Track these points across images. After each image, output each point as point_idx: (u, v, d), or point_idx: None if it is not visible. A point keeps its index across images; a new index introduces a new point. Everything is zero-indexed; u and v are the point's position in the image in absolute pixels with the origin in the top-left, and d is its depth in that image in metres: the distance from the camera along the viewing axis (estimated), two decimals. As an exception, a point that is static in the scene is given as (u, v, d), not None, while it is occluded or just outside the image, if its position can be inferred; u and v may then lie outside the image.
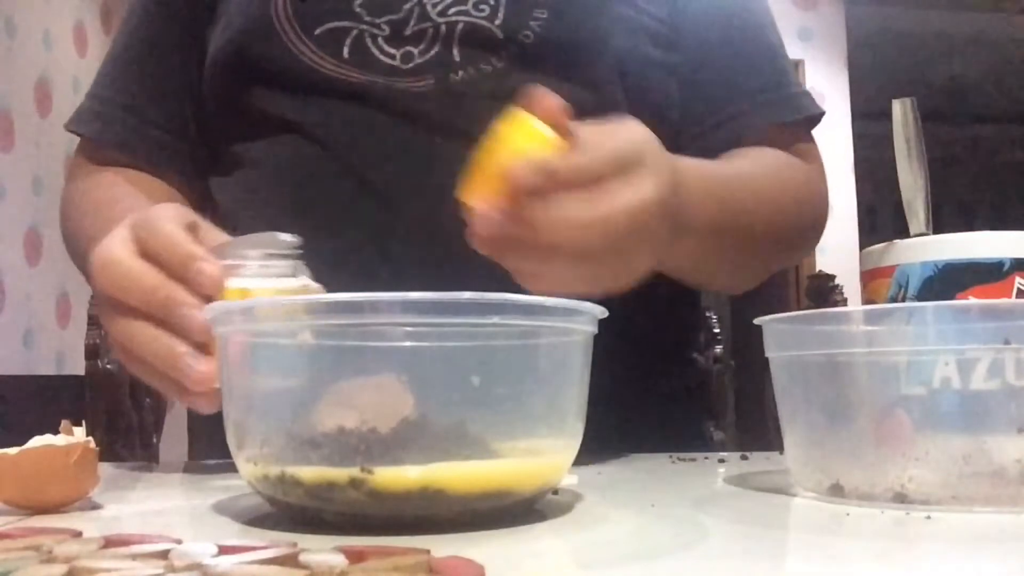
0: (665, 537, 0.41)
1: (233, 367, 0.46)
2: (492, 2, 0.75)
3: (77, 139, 0.89)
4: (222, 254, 0.57)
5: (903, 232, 0.64)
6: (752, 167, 0.78)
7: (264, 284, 0.57)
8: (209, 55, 0.82)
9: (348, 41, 0.76)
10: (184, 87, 0.84)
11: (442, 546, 0.35)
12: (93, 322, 1.14)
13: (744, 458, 0.69)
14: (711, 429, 0.98)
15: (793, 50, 5.12)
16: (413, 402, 0.41)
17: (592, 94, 0.75)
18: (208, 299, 0.54)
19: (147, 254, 0.57)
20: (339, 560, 0.32)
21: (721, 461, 0.67)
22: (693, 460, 0.68)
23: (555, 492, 0.51)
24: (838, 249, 4.96)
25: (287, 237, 0.58)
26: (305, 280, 0.59)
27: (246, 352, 0.45)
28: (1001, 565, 0.36)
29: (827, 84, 5.15)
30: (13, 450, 0.47)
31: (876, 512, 0.45)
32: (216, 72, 0.81)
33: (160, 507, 0.53)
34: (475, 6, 0.76)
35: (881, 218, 6.14)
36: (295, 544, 0.34)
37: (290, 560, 0.32)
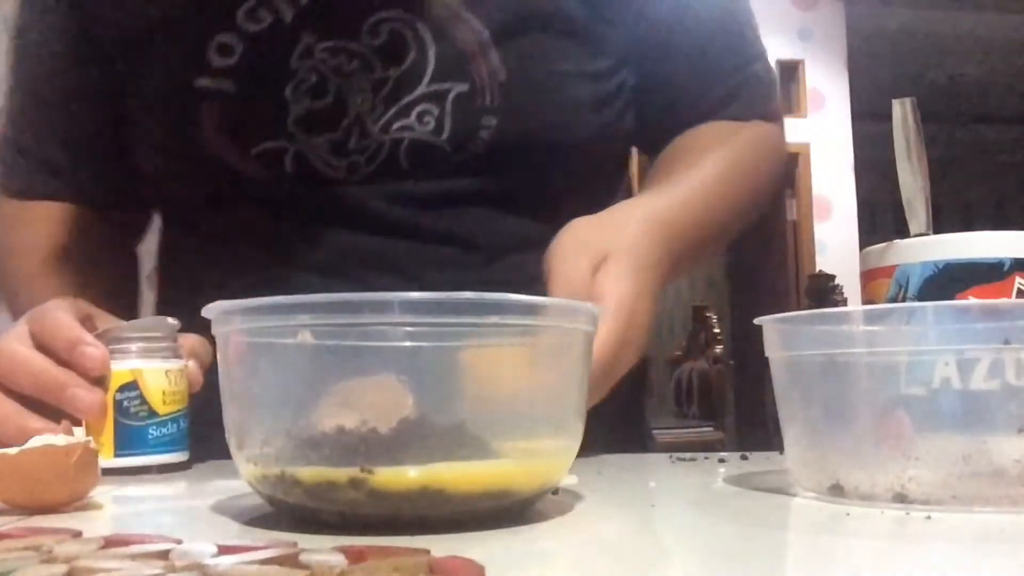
0: (665, 537, 0.41)
1: (233, 367, 0.46)
2: (436, 113, 0.71)
3: None
4: (111, 339, 0.63)
5: (903, 232, 0.63)
6: (715, 168, 0.77)
7: (152, 365, 0.64)
8: (140, 130, 0.77)
9: (288, 157, 0.73)
10: (105, 132, 0.81)
11: (442, 546, 0.35)
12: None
13: (744, 458, 0.69)
14: (651, 430, 0.96)
15: (793, 50, 5.13)
16: (413, 402, 0.41)
17: (544, 185, 0.75)
18: (96, 381, 0.61)
19: (39, 344, 0.61)
20: (339, 560, 0.32)
21: (721, 461, 0.67)
22: (693, 460, 0.68)
23: (555, 492, 0.51)
24: (838, 249, 4.97)
25: (171, 321, 0.65)
26: (186, 361, 0.66)
27: (246, 352, 0.45)
28: (1001, 565, 0.36)
29: (827, 84, 5.15)
30: (13, 450, 0.47)
31: (876, 512, 0.45)
32: (142, 148, 0.78)
33: (160, 507, 0.53)
34: (419, 119, 0.72)
35: (881, 218, 6.14)
36: (295, 544, 0.34)
37: (290, 560, 0.32)
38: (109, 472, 0.60)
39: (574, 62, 0.75)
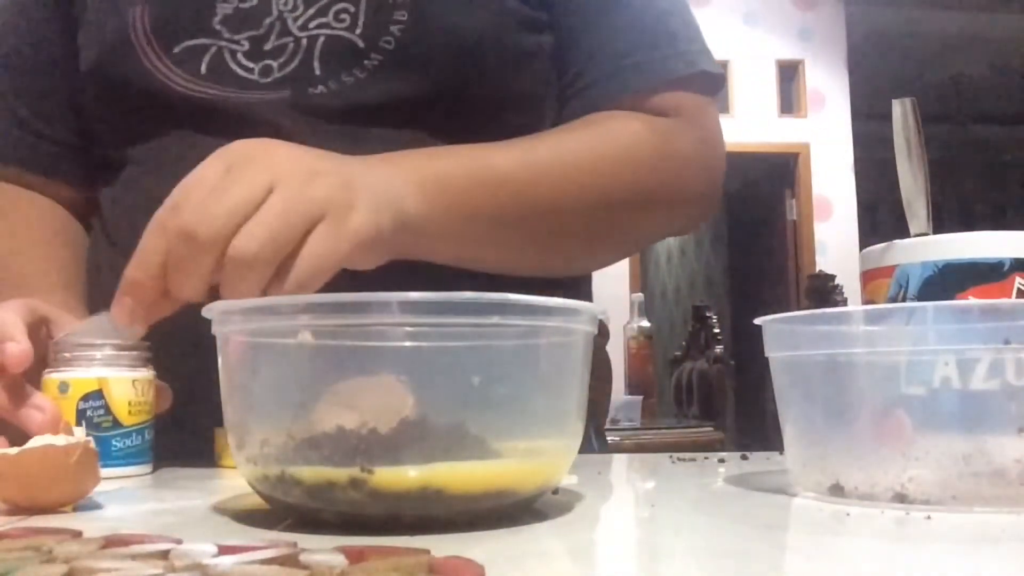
0: (665, 537, 0.41)
1: (233, 367, 0.46)
2: (352, 11, 0.73)
3: None
4: (75, 344, 0.62)
5: (903, 232, 0.63)
6: (562, 144, 0.74)
7: (119, 374, 0.62)
8: (80, 64, 0.80)
9: (206, 58, 0.74)
10: (63, 91, 0.83)
11: (442, 546, 0.35)
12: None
13: (744, 458, 0.69)
14: (592, 432, 0.94)
15: (793, 50, 5.13)
16: (413, 402, 0.41)
17: (455, 92, 0.74)
18: (11, 379, 0.59)
19: None
20: (339, 560, 0.32)
21: (721, 461, 0.67)
22: (693, 460, 0.68)
23: (555, 492, 0.51)
24: (838, 249, 4.97)
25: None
26: (152, 371, 0.64)
27: (246, 352, 0.45)
28: (1001, 565, 0.36)
29: (827, 84, 5.16)
30: (13, 450, 0.47)
31: (876, 512, 0.45)
32: (86, 84, 0.80)
33: (160, 507, 0.53)
34: (335, 17, 0.73)
35: (881, 218, 6.14)
36: (295, 544, 0.34)
37: (290, 560, 0.32)
38: None
39: None
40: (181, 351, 0.63)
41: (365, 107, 0.73)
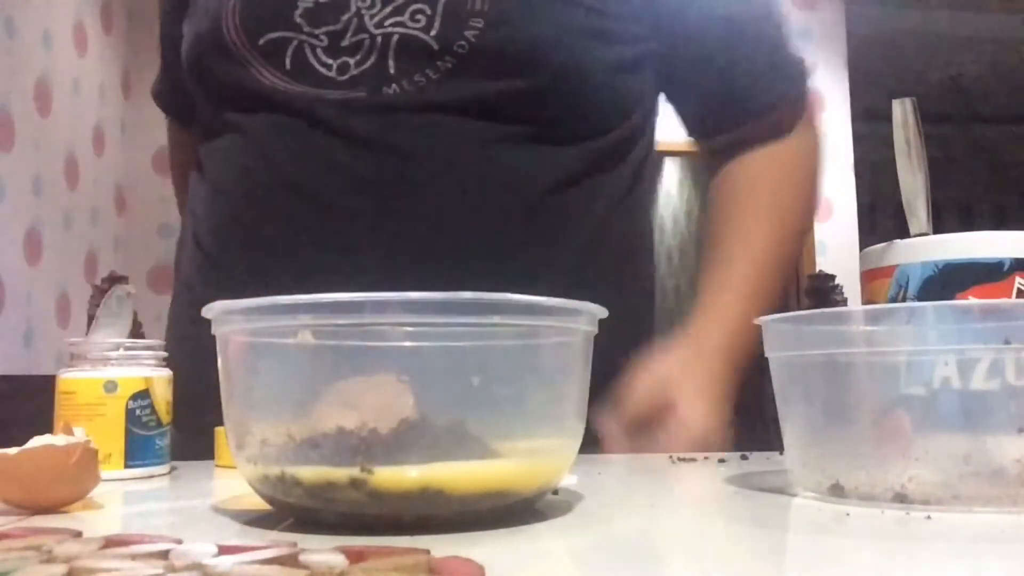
0: (665, 537, 0.41)
1: (233, 367, 0.46)
2: (428, 12, 0.75)
3: (78, 138, 0.96)
4: (125, 344, 0.62)
5: (903, 232, 0.63)
6: (757, 238, 0.86)
7: (160, 373, 0.63)
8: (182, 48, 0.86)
9: (290, 51, 0.78)
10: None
11: (442, 546, 0.35)
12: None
13: (744, 458, 0.69)
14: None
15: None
16: (413, 402, 0.41)
17: (528, 98, 0.76)
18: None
19: None
20: (339, 560, 0.32)
21: (721, 461, 0.67)
22: (693, 460, 0.68)
23: (555, 492, 0.51)
24: (838, 249, 4.96)
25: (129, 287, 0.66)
26: (170, 371, 0.65)
27: (246, 352, 0.45)
28: (1001, 565, 0.36)
29: (827, 84, 5.15)
30: (13, 450, 0.47)
31: (876, 512, 0.45)
32: (185, 68, 0.86)
33: (160, 507, 0.53)
34: (411, 17, 0.76)
35: (881, 218, 6.13)
36: (295, 544, 0.34)
37: (290, 560, 0.32)
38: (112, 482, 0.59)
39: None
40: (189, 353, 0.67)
41: (432, 111, 0.76)
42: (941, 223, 0.59)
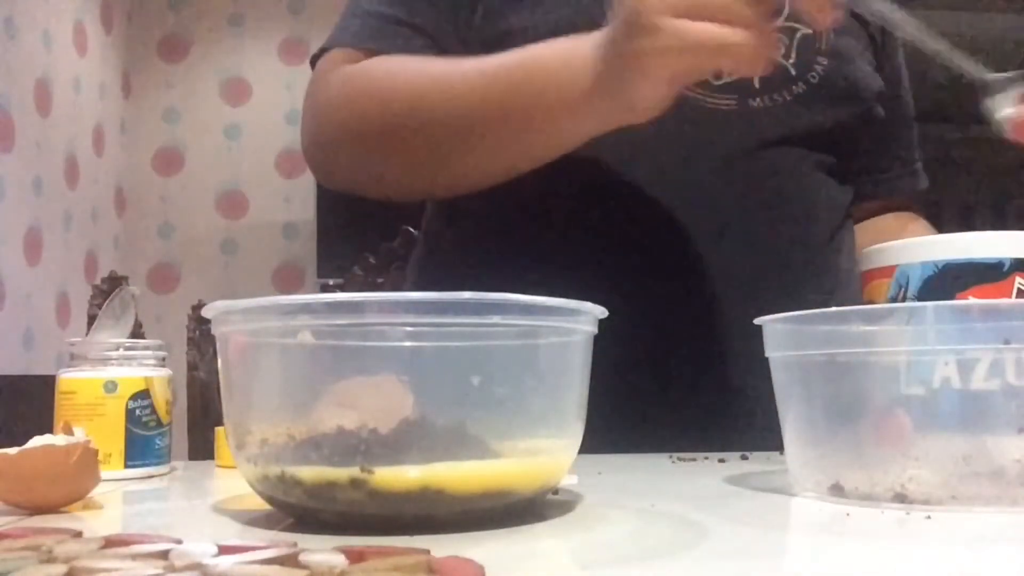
0: (665, 537, 0.41)
1: (233, 367, 0.46)
2: (787, 42, 0.85)
3: (78, 138, 0.90)
4: (125, 345, 0.63)
5: (903, 232, 0.63)
6: None
7: (160, 373, 0.63)
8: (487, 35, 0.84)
9: None
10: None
11: (442, 546, 0.35)
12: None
13: (744, 458, 0.69)
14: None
15: (793, 50, 5.11)
16: (413, 402, 0.41)
17: (847, 129, 0.89)
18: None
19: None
20: (339, 560, 0.32)
21: (721, 461, 0.67)
22: (693, 460, 0.68)
23: (555, 492, 0.51)
24: (838, 249, 4.94)
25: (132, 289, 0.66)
26: (170, 371, 0.65)
27: (246, 352, 0.45)
28: (1001, 565, 0.36)
29: (827, 84, 5.14)
30: (13, 450, 0.47)
31: (876, 512, 0.45)
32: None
33: (160, 507, 0.53)
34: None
35: (881, 218, 6.13)
36: (295, 544, 0.34)
37: (290, 560, 0.32)
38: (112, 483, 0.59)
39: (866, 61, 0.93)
40: None
41: (788, 125, 0.85)
42: (941, 223, 0.59)
